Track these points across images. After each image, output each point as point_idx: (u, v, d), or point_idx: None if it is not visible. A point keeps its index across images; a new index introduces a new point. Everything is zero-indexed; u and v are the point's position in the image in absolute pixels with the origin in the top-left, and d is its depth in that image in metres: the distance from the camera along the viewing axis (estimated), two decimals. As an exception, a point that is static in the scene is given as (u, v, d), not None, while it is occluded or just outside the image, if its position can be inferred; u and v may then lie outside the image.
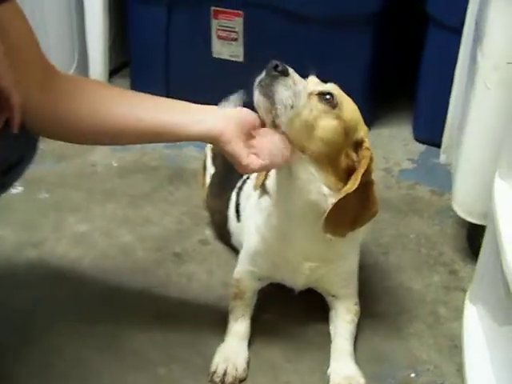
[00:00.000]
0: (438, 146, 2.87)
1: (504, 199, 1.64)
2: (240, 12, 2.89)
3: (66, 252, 2.21)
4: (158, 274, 2.13)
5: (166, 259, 2.19)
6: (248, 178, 2.03)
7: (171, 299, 2.02)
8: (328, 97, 1.60)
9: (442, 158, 2.84)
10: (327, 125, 1.59)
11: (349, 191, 1.60)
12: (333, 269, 1.84)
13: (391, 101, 3.27)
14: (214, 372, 1.72)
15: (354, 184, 1.61)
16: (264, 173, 1.75)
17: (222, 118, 1.56)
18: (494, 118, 1.95)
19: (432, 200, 2.58)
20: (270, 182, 1.74)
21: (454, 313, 2.00)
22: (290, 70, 1.57)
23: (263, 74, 1.56)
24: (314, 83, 1.65)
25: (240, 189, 2.04)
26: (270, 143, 1.56)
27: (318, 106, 1.59)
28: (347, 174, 1.64)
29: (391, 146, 2.99)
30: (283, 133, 1.56)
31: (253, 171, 1.64)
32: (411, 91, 3.05)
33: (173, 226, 2.37)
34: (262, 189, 1.78)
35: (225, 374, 1.71)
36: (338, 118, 1.60)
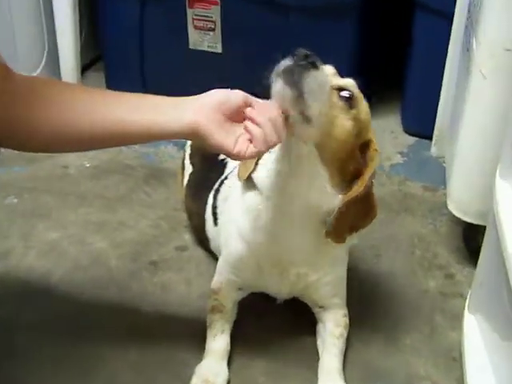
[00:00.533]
0: (429, 137, 2.74)
1: (507, 200, 1.50)
2: (217, 0, 2.72)
3: (35, 263, 2.06)
4: (133, 285, 1.98)
5: (141, 268, 2.04)
6: (226, 178, 1.88)
7: (147, 313, 1.87)
8: (347, 95, 1.49)
9: (434, 151, 2.71)
10: (344, 125, 1.48)
11: (356, 193, 1.51)
12: (321, 276, 1.71)
13: (378, 91, 3.08)
14: None
15: (361, 186, 1.51)
16: (251, 163, 1.61)
17: (200, 110, 1.40)
18: (492, 109, 1.82)
19: (424, 196, 2.45)
20: (262, 176, 1.60)
21: (451, 321, 1.87)
22: (319, 62, 1.43)
23: (289, 62, 1.40)
24: (331, 75, 1.53)
25: (217, 191, 1.90)
26: (263, 124, 1.38)
27: (338, 103, 1.48)
28: (351, 175, 1.55)
29: (380, 139, 2.73)
30: (311, 127, 1.43)
31: (246, 158, 1.47)
32: (399, 81, 2.92)
33: (149, 231, 2.22)
34: (248, 182, 1.63)
35: None
36: (355, 119, 1.50)
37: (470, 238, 2.11)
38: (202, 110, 1.40)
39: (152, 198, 2.41)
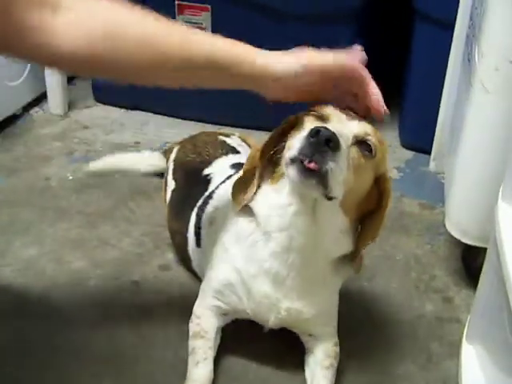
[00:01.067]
0: (427, 152, 2.65)
1: (509, 223, 1.40)
2: (207, 6, 2.63)
3: (11, 281, 1.95)
4: (113, 307, 1.87)
5: (122, 289, 1.93)
6: (210, 197, 1.78)
7: (126, 339, 1.75)
8: (366, 144, 1.41)
9: (432, 166, 2.61)
10: (366, 177, 1.44)
11: (377, 234, 1.51)
12: (315, 311, 1.60)
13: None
14: None
15: (380, 226, 1.51)
16: (250, 187, 1.52)
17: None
18: (495, 125, 1.72)
19: (421, 215, 2.35)
20: (264, 211, 1.50)
21: (448, 349, 1.76)
22: (341, 140, 1.31)
23: (307, 148, 1.29)
24: (341, 122, 1.42)
25: (201, 209, 1.79)
26: None
27: (359, 159, 1.40)
28: (367, 210, 1.51)
29: (376, 153, 2.73)
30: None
31: None
32: (397, 93, 2.81)
33: (132, 249, 2.11)
34: (250, 221, 1.54)
35: None
36: (375, 166, 1.44)
37: (469, 260, 2.00)
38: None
39: (136, 214, 2.30)
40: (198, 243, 1.79)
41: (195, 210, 1.81)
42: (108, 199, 2.38)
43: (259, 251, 1.52)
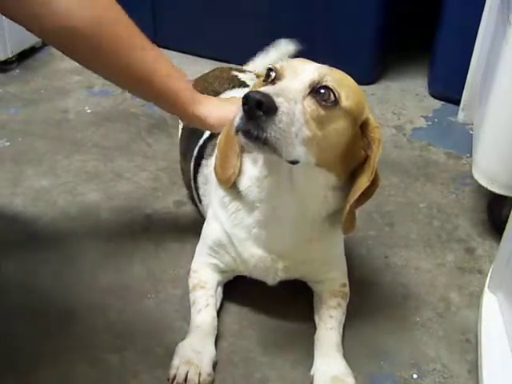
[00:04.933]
0: (456, 102, 2.56)
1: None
2: None
3: (21, 210, 1.91)
4: (124, 239, 1.83)
5: (133, 222, 1.89)
6: (204, 147, 1.72)
7: (134, 272, 1.71)
8: (323, 91, 1.26)
9: (461, 117, 2.52)
10: (336, 128, 1.29)
11: (366, 186, 1.35)
12: (313, 264, 1.55)
13: (404, 50, 2.92)
14: (174, 378, 1.38)
15: (369, 177, 1.35)
16: (230, 166, 1.44)
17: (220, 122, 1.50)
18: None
19: (447, 164, 2.26)
20: (245, 185, 1.44)
21: (467, 299, 1.70)
22: (278, 100, 1.18)
23: (243, 118, 1.19)
24: (294, 74, 1.29)
25: (197, 165, 1.72)
26: None
27: (318, 111, 1.25)
28: (357, 161, 1.38)
29: (403, 102, 2.66)
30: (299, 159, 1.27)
31: None
32: (428, 40, 2.70)
33: (147, 184, 2.06)
34: (232, 189, 1.47)
35: (186, 379, 1.37)
36: (344, 113, 1.29)
37: (495, 211, 1.93)
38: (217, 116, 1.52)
39: (153, 149, 2.25)
40: (199, 199, 1.75)
41: (191, 163, 1.76)
42: (125, 133, 2.32)
43: (244, 218, 1.46)
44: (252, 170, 1.41)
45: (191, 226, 1.86)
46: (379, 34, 2.66)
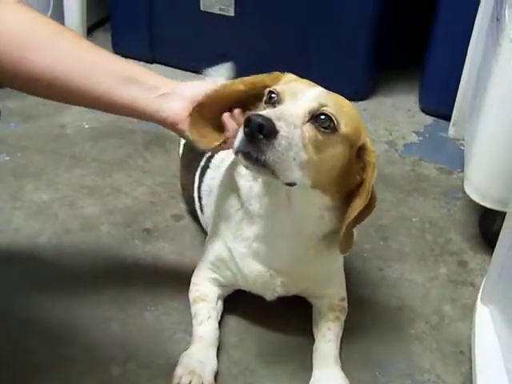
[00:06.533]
0: (447, 118, 2.61)
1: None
2: (230, -41, 2.59)
3: (22, 225, 1.93)
4: (123, 253, 1.86)
5: (133, 236, 1.92)
6: (207, 166, 1.75)
7: (135, 284, 1.74)
8: (323, 117, 1.29)
9: (451, 132, 2.57)
10: (333, 153, 1.32)
11: (361, 207, 1.37)
12: (312, 281, 1.60)
13: (396, 66, 2.97)
14: None
15: (365, 199, 1.37)
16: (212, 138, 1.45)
17: (181, 104, 1.39)
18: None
19: (439, 179, 2.31)
20: (249, 198, 1.47)
21: (460, 312, 1.74)
22: (278, 124, 1.22)
23: (243, 141, 1.23)
24: (294, 98, 1.32)
25: (202, 173, 1.76)
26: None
27: (316, 137, 1.29)
28: (352, 184, 1.40)
29: (395, 117, 2.71)
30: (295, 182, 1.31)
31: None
32: (418, 56, 2.76)
33: (145, 198, 2.09)
34: (235, 198, 1.52)
35: None
36: (342, 139, 1.32)
37: (486, 226, 1.97)
38: (189, 105, 1.38)
39: (151, 164, 2.28)
40: (202, 210, 1.78)
41: (198, 172, 1.79)
42: (123, 149, 2.36)
43: (245, 231, 1.50)
44: (254, 185, 1.45)
45: (190, 239, 1.91)
46: (371, 51, 2.71)
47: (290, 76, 1.44)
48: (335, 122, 1.30)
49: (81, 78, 1.37)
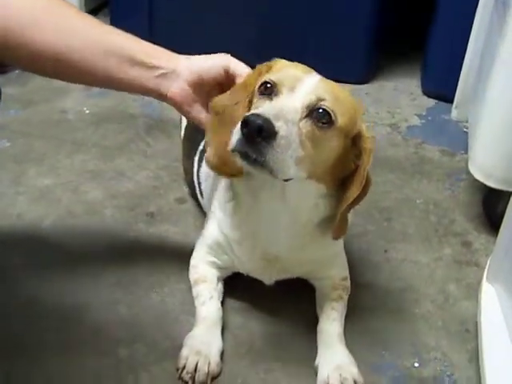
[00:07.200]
0: (449, 101, 2.60)
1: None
2: None
3: (25, 209, 1.93)
4: (128, 236, 1.85)
5: (137, 219, 1.91)
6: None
7: (140, 266, 1.74)
8: (320, 112, 1.27)
9: (454, 114, 2.57)
10: (330, 146, 1.31)
11: (357, 194, 1.36)
12: (311, 265, 1.59)
13: (397, 50, 2.97)
14: (184, 367, 1.41)
15: (359, 186, 1.36)
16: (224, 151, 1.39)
17: (180, 85, 1.40)
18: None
19: (442, 161, 2.30)
20: (244, 190, 1.46)
21: (465, 291, 1.74)
22: (277, 125, 1.19)
23: (241, 140, 1.20)
24: (291, 92, 1.29)
25: (200, 160, 1.74)
26: None
27: (313, 132, 1.27)
28: (348, 171, 1.39)
29: (397, 101, 2.71)
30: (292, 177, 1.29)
31: None
32: (420, 39, 2.75)
33: (148, 182, 2.09)
34: (231, 188, 1.51)
35: (195, 369, 1.41)
36: (339, 131, 1.31)
37: (490, 206, 1.97)
38: (183, 90, 1.40)
39: (153, 148, 2.28)
40: (201, 194, 1.78)
41: (196, 158, 1.78)
42: (124, 133, 2.35)
43: (242, 219, 1.49)
44: (247, 177, 1.42)
45: (194, 222, 1.91)
46: (373, 34, 2.70)
47: (281, 62, 1.41)
48: (333, 116, 1.28)
49: (82, 55, 1.37)
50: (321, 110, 1.27)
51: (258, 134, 1.17)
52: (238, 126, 1.21)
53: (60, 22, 1.36)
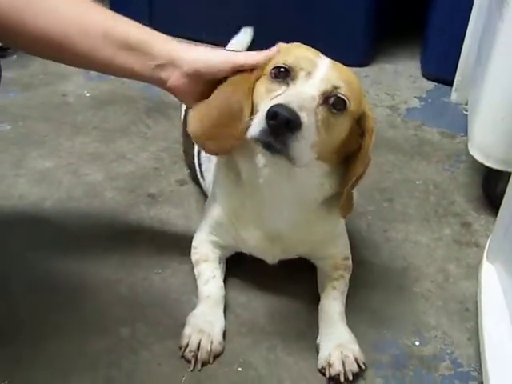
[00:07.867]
0: (449, 83, 2.61)
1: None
2: None
3: (26, 192, 1.93)
4: (129, 217, 1.86)
5: (138, 201, 1.92)
6: None
7: (141, 247, 1.74)
8: (335, 99, 1.30)
9: (454, 97, 2.57)
10: (340, 129, 1.34)
11: (360, 173, 1.39)
12: (313, 244, 1.60)
13: (397, 32, 2.96)
14: (186, 346, 1.42)
15: (363, 164, 1.39)
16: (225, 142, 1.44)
17: (177, 77, 1.39)
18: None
19: (442, 143, 2.31)
20: (248, 169, 1.45)
21: (465, 271, 1.75)
22: (302, 115, 1.21)
23: (265, 131, 1.21)
24: (308, 78, 1.31)
25: None
26: None
27: (328, 118, 1.29)
28: (351, 150, 1.40)
29: (397, 83, 2.71)
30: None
31: None
32: (420, 22, 2.75)
33: (149, 164, 2.10)
34: (233, 168, 1.49)
35: (198, 348, 1.42)
36: (350, 115, 1.34)
37: (490, 187, 1.97)
38: (179, 85, 1.40)
39: (153, 130, 2.28)
40: (203, 176, 1.78)
41: None
42: (125, 116, 2.36)
43: (244, 198, 1.50)
44: (252, 154, 1.42)
45: (195, 203, 1.91)
46: (373, 17, 2.70)
47: (293, 45, 1.41)
48: (347, 103, 1.30)
49: (80, 40, 1.36)
50: (336, 97, 1.29)
51: (286, 126, 1.19)
52: (262, 115, 1.21)
53: (57, 6, 1.35)
